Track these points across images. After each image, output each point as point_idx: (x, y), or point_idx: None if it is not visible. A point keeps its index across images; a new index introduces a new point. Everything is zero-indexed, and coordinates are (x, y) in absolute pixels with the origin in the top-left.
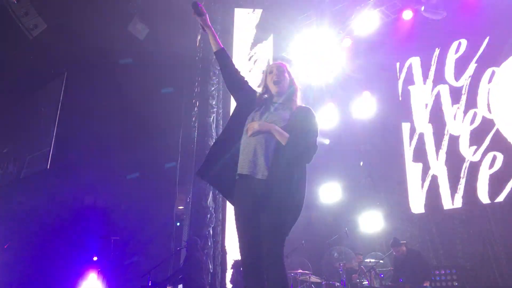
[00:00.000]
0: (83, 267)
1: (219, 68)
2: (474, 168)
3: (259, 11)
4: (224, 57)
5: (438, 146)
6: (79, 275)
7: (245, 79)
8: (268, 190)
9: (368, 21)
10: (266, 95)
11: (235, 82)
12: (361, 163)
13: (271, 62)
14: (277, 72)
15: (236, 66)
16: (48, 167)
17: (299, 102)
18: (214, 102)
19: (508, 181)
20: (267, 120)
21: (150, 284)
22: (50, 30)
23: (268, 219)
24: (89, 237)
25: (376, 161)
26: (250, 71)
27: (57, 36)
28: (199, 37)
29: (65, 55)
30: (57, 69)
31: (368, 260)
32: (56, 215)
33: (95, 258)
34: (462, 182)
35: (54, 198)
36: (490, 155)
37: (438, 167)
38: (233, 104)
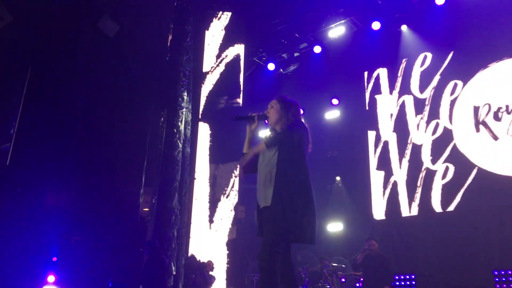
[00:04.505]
0: (41, 268)
1: (189, 69)
2: (430, 177)
3: (229, 14)
4: (252, 161)
5: (401, 155)
6: (37, 276)
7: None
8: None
9: (338, 30)
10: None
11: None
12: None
13: (242, 65)
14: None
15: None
16: (7, 163)
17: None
18: (183, 103)
19: (458, 191)
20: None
21: (110, 286)
22: (16, 23)
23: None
24: (50, 237)
25: (342, 168)
26: (220, 74)
27: (22, 28)
28: (170, 37)
29: (30, 48)
30: (21, 62)
31: (330, 264)
32: (15, 214)
33: (54, 259)
34: (419, 190)
35: (14, 196)
36: (443, 166)
37: (400, 175)
38: (202, 103)
